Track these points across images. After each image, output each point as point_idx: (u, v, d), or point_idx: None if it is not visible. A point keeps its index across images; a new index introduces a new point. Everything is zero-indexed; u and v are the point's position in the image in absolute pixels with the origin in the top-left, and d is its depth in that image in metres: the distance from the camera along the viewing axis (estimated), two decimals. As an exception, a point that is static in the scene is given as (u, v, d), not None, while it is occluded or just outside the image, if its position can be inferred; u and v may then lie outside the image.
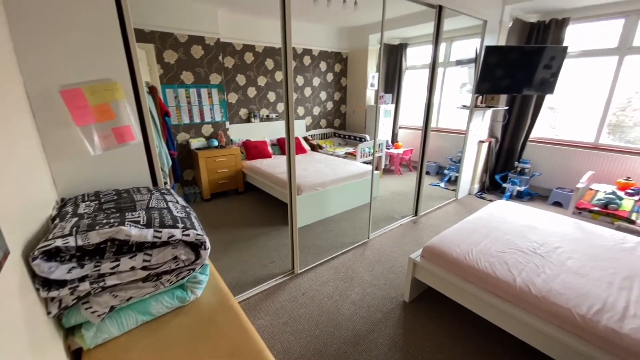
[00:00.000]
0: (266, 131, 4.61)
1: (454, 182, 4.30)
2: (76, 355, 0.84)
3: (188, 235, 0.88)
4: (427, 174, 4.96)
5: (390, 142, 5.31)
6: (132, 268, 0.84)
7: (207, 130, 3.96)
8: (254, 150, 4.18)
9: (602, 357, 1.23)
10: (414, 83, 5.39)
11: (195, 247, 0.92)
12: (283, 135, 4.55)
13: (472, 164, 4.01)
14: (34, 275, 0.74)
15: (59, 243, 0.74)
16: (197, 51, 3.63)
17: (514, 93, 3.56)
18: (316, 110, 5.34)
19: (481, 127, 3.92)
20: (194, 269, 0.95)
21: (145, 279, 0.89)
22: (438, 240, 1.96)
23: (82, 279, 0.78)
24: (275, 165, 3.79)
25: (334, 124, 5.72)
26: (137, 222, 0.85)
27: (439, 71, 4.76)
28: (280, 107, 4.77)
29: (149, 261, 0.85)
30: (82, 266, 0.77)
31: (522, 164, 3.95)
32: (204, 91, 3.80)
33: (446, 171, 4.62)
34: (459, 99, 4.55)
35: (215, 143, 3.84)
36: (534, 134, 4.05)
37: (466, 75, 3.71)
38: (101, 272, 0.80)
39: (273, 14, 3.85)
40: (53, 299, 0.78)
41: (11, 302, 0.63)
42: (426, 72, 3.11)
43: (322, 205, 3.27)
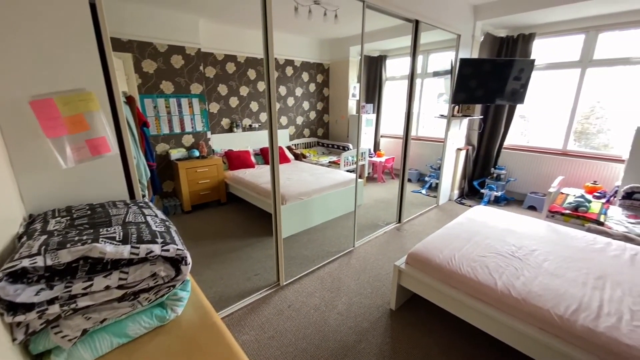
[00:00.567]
0: (249, 141, 4.57)
1: (434, 189, 4.41)
2: (43, 385, 0.78)
3: (168, 251, 0.84)
4: (409, 181, 5.06)
5: (372, 151, 5.40)
6: (107, 287, 0.79)
7: (187, 140, 3.88)
8: (236, 160, 4.13)
9: (580, 356, 1.27)
10: (394, 93, 5.54)
11: (176, 262, 0.89)
12: (266, 144, 4.53)
13: (451, 171, 4.14)
14: (-4, 299, 0.68)
15: (25, 263, 0.69)
16: (177, 61, 3.58)
17: (488, 103, 3.73)
18: (299, 120, 5.37)
19: (459, 135, 4.07)
20: (174, 286, 0.91)
21: (121, 299, 0.84)
22: (422, 246, 1.99)
23: (51, 301, 0.73)
24: (259, 175, 3.75)
25: (318, 133, 5.76)
26: (113, 238, 0.81)
27: (417, 82, 4.93)
28: (263, 116, 4.76)
29: (126, 279, 0.80)
30: (51, 287, 0.72)
31: (498, 170, 4.12)
32: (184, 101, 3.73)
33: (427, 178, 4.74)
34: (437, 108, 4.72)
35: (197, 153, 3.76)
36: (507, 142, 4.25)
37: (443, 86, 3.86)
38: (72, 293, 0.75)
39: (255, 25, 3.87)
40: (19, 324, 0.72)
41: (-31, 330, 0.57)
42: (405, 82, 3.21)
43: (307, 215, 3.25)
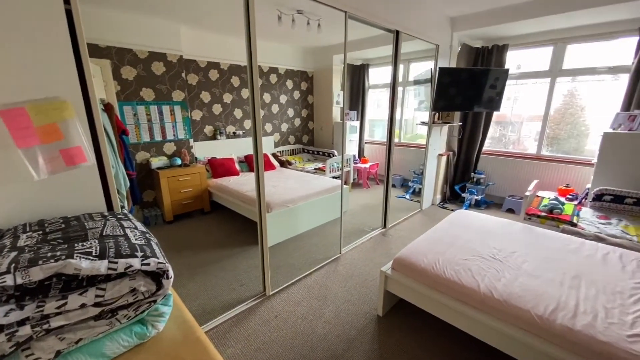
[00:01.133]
0: (233, 148, 4.52)
1: (418, 194, 4.50)
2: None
3: (148, 265, 0.81)
4: (393, 186, 5.14)
5: (357, 157, 5.46)
6: (83, 305, 0.75)
7: (169, 148, 3.78)
8: (220, 168, 4.06)
9: (561, 354, 1.32)
10: (377, 101, 5.65)
11: (157, 276, 0.85)
12: (251, 152, 4.49)
13: (434, 176, 4.24)
14: (-43, 323, 0.63)
15: (-9, 283, 0.64)
16: (158, 68, 3.51)
17: (466, 110, 3.87)
18: (284, 127, 5.37)
19: (439, 141, 4.19)
20: (155, 301, 0.88)
21: (98, 317, 0.80)
22: (407, 251, 2.01)
23: (22, 322, 0.68)
24: (244, 182, 3.70)
25: (303, 140, 5.77)
26: (89, 253, 0.77)
27: (399, 90, 5.05)
28: (248, 124, 4.72)
29: (103, 296, 0.77)
30: (22, 307, 0.68)
31: (477, 175, 4.25)
32: (165, 108, 3.66)
33: (410, 183, 4.83)
34: (418, 115, 4.85)
35: (179, 162, 3.67)
36: (486, 147, 4.41)
37: (424, 94, 3.98)
38: (45, 312, 0.71)
39: (238, 33, 3.87)
40: (-17, 349, 0.67)
41: None
42: (387, 90, 3.29)
43: (293, 222, 3.23)
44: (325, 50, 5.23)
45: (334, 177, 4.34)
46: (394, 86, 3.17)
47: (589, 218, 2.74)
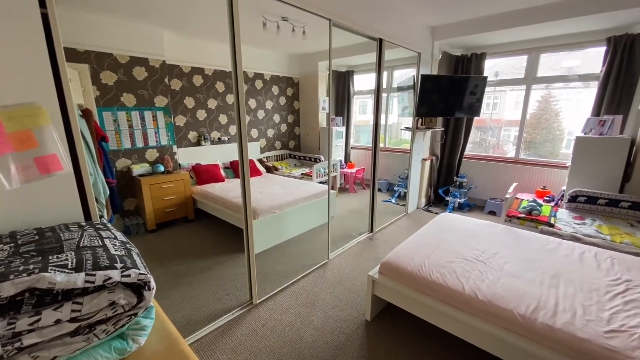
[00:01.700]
0: (218, 154, 4.45)
1: (403, 198, 4.57)
2: None
3: (129, 276, 0.78)
4: (379, 191, 5.20)
5: (344, 162, 5.50)
6: (58, 321, 0.71)
7: (151, 155, 3.69)
8: (205, 174, 3.99)
9: (543, 353, 1.35)
10: (362, 106, 5.74)
11: (138, 288, 0.82)
12: (236, 157, 4.44)
13: (418, 180, 4.33)
14: None
15: (-45, 301, 0.60)
16: (139, 73, 3.44)
17: (448, 116, 3.99)
18: (270, 133, 5.35)
19: (423, 146, 4.28)
20: (136, 314, 0.84)
21: (74, 333, 0.76)
22: (393, 255, 2.03)
23: (-12, 342, 0.64)
24: (229, 189, 3.65)
25: (289, 146, 5.76)
26: (64, 266, 0.73)
27: (383, 96, 5.15)
28: (233, 129, 4.68)
29: (80, 311, 0.73)
30: (-12, 326, 0.64)
31: (460, 179, 4.37)
32: (148, 114, 3.57)
33: (396, 188, 4.90)
34: (403, 121, 4.95)
35: (161, 168, 3.58)
36: (467, 151, 4.54)
37: (407, 100, 4.07)
38: (17, 330, 0.66)
39: (223, 38, 3.84)
40: (-56, 373, 0.62)
41: None
42: (372, 96, 3.34)
43: (280, 229, 3.20)
44: (310, 57, 5.27)
45: (320, 182, 4.35)
46: (378, 92, 3.23)
47: (565, 219, 2.86)
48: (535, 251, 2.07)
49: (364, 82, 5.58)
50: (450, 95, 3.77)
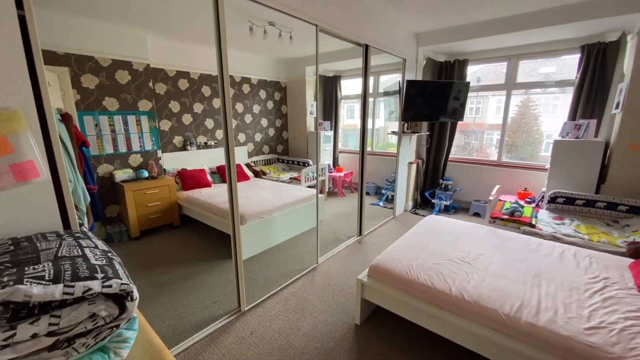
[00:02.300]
0: (204, 159, 4.38)
1: (391, 201, 4.62)
2: None
3: (110, 287, 0.75)
4: (367, 194, 5.24)
5: (332, 166, 5.51)
6: (34, 335, 0.68)
7: (135, 160, 3.60)
8: (190, 179, 3.92)
9: (527, 351, 1.38)
10: (350, 111, 5.79)
11: (120, 298, 0.79)
12: (223, 162, 4.39)
13: (405, 183, 4.39)
14: None
15: None
16: (122, 76, 3.36)
17: (432, 120, 4.08)
18: (258, 137, 5.31)
19: (409, 150, 4.36)
20: (118, 326, 0.81)
21: (52, 347, 0.72)
22: (382, 258, 2.04)
23: (-44, 361, 0.60)
24: (216, 194, 3.59)
25: (277, 150, 5.74)
26: (41, 277, 0.70)
27: (370, 101, 5.22)
28: (220, 134, 4.62)
29: (58, 324, 0.70)
30: (-44, 344, 0.60)
31: (445, 181, 4.46)
32: (131, 118, 3.49)
33: (383, 191, 4.95)
34: (389, 125, 5.02)
35: (146, 174, 3.49)
36: (452, 155, 4.65)
37: (393, 105, 4.14)
38: (-13, 347, 0.63)
39: (209, 42, 3.81)
40: None
41: None
42: (359, 101, 3.38)
43: (268, 234, 3.17)
44: (298, 62, 5.29)
45: (309, 187, 4.35)
46: (364, 97, 3.27)
47: (545, 219, 2.96)
48: (518, 251, 2.13)
49: (351, 86, 5.65)
50: (434, 100, 3.86)
